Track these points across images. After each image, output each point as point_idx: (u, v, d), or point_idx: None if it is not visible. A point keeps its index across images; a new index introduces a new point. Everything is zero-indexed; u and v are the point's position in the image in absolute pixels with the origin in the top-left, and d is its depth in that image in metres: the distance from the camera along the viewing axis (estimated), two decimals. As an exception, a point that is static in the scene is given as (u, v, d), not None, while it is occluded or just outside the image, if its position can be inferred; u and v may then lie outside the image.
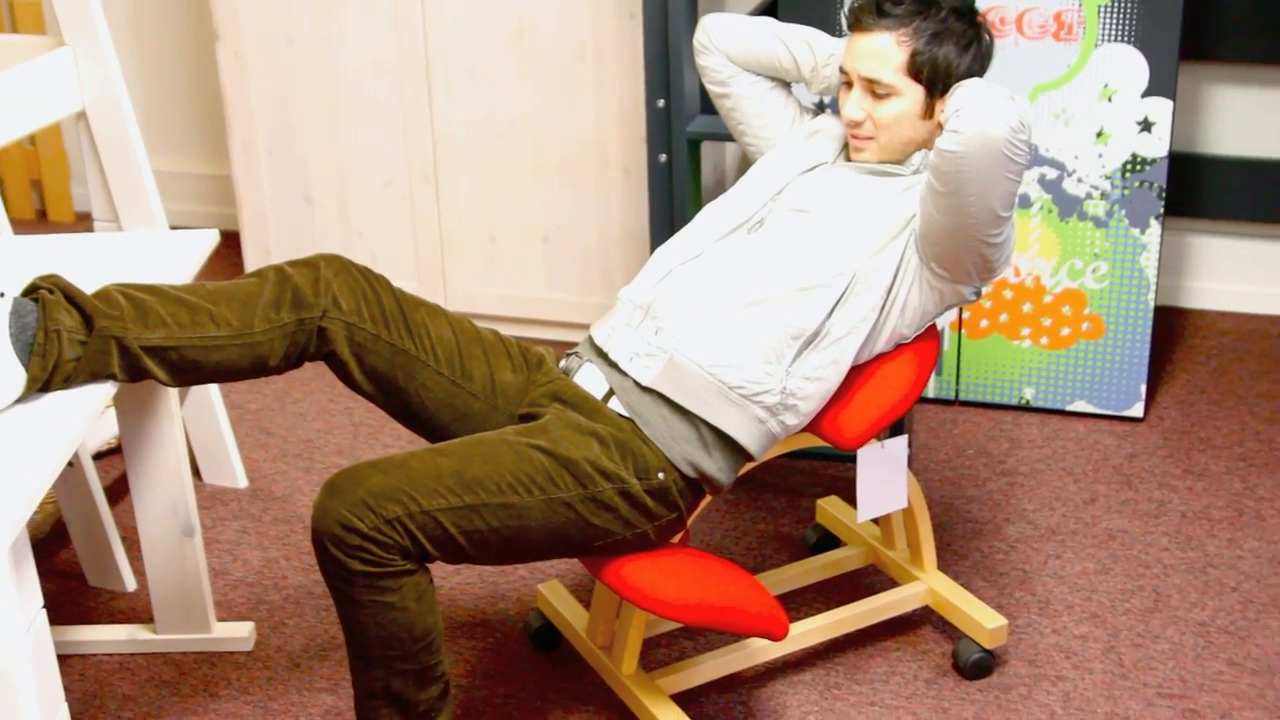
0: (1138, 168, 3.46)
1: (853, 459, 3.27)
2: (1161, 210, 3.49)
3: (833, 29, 3.49)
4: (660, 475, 2.49)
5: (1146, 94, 3.41)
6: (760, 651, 2.81)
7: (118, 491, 3.49)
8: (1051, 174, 3.52)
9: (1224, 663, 2.88)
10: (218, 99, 4.71)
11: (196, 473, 3.52)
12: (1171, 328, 4.15)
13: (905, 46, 2.52)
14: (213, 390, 3.42)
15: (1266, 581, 3.10)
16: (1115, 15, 3.35)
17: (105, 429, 3.45)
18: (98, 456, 3.60)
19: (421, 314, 2.58)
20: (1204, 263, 4.25)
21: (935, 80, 2.53)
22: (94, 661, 2.97)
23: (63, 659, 2.95)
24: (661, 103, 3.28)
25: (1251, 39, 3.93)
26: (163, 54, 4.85)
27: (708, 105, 3.39)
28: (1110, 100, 3.43)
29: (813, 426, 2.62)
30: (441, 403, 2.57)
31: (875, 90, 2.55)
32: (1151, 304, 3.57)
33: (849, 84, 2.60)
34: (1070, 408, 3.72)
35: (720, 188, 4.40)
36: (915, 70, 2.52)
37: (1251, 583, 3.10)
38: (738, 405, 2.51)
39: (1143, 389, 3.65)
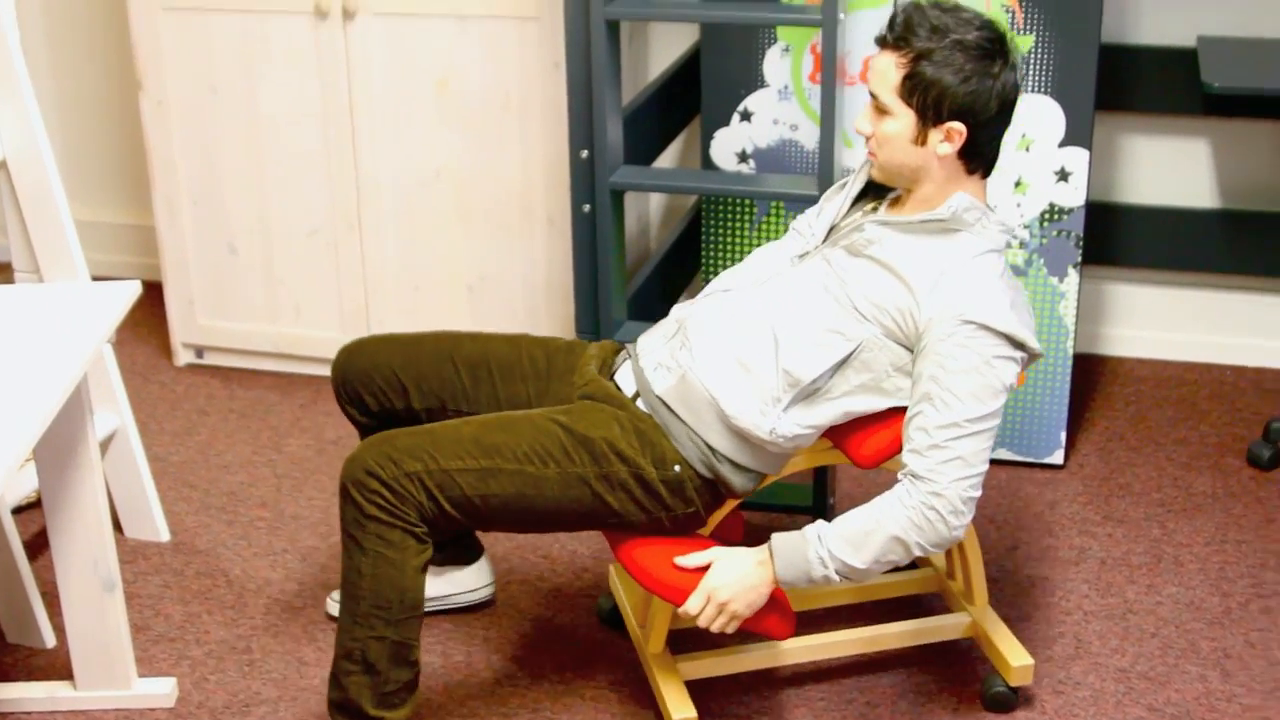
0: (1055, 217, 3.51)
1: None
2: (1079, 259, 3.54)
3: (754, 81, 3.52)
4: (676, 468, 2.60)
5: (1063, 144, 3.45)
6: (788, 653, 2.90)
7: (37, 546, 3.45)
8: (971, 224, 3.55)
9: (1144, 709, 2.91)
10: (140, 148, 4.69)
11: (118, 526, 3.49)
12: (1090, 375, 4.20)
13: (902, 69, 2.51)
14: (134, 442, 3.40)
15: (1185, 627, 3.14)
16: (1032, 66, 3.40)
17: (25, 483, 3.41)
18: (17, 510, 3.56)
19: (432, 394, 2.83)
20: (1121, 310, 4.30)
21: (926, 107, 2.50)
22: None
23: (-20, 717, 2.91)
24: (585, 153, 3.29)
25: (1165, 90, 3.99)
26: (85, 102, 4.82)
27: (630, 156, 3.41)
28: (1028, 150, 3.47)
29: (838, 442, 2.70)
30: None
31: (878, 107, 2.56)
32: (1070, 351, 3.61)
33: None
34: (991, 455, 3.75)
35: (645, 236, 4.42)
36: (907, 94, 2.51)
37: (1170, 628, 3.14)
38: (731, 432, 2.59)
39: (1063, 436, 3.69)
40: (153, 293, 4.62)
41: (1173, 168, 4.12)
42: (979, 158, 2.58)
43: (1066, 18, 3.34)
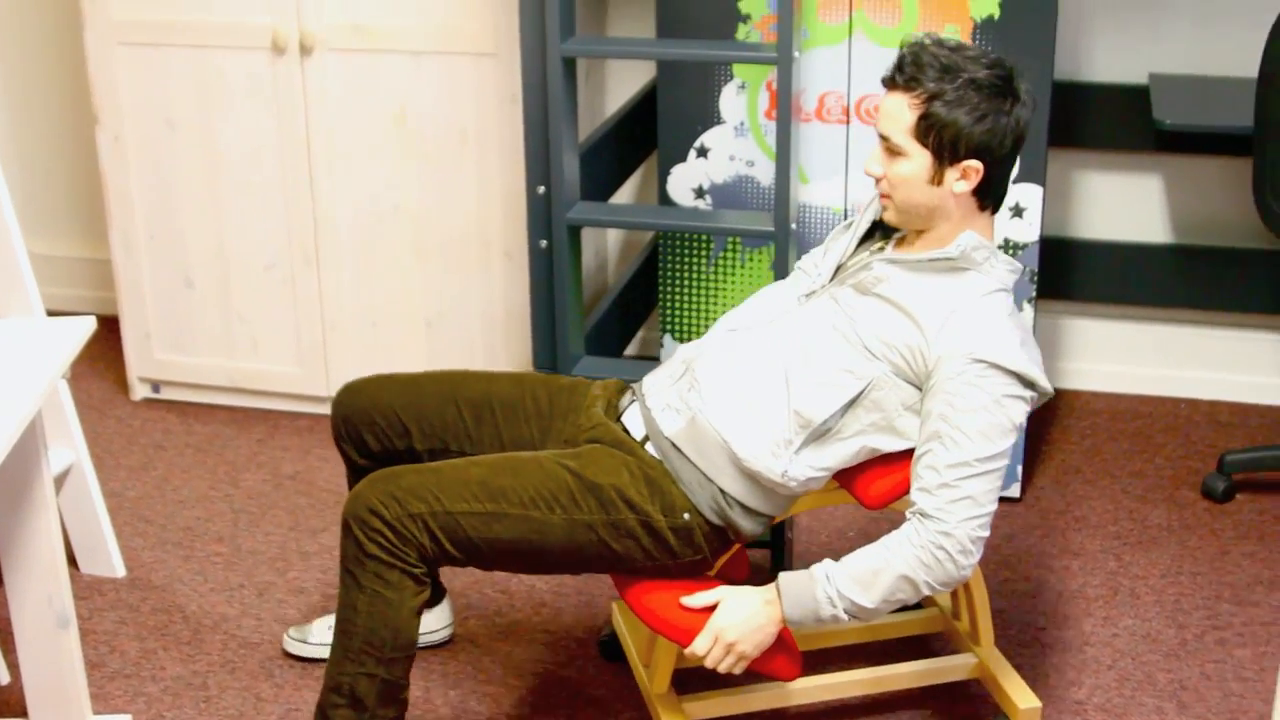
0: (1010, 252, 3.53)
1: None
2: (1034, 294, 3.56)
3: (710, 117, 3.54)
4: (685, 516, 2.58)
5: (1017, 180, 3.48)
6: (796, 694, 2.88)
7: (-9, 582, 3.43)
8: (927, 259, 3.57)
9: (1100, 741, 2.92)
10: (96, 182, 4.67)
11: (73, 562, 3.46)
12: (1046, 408, 4.22)
13: (915, 110, 2.49)
14: (89, 478, 3.38)
15: (1142, 659, 3.15)
16: (986, 104, 3.42)
17: (-22, 518, 3.39)
18: (-30, 546, 3.53)
19: (433, 435, 2.81)
20: (1076, 344, 4.33)
21: (942, 147, 2.49)
22: (-35, 758, 2.91)
23: (-68, 756, 2.89)
24: (542, 189, 3.30)
25: (1118, 126, 4.03)
26: (40, 136, 4.81)
27: (587, 191, 3.42)
28: (983, 187, 3.49)
29: (845, 483, 2.68)
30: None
31: (889, 149, 2.54)
32: (1026, 386, 3.63)
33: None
34: (948, 488, 3.76)
35: (602, 271, 4.43)
36: (922, 134, 2.49)
37: (1127, 660, 3.15)
38: (744, 475, 2.58)
39: (1019, 470, 3.71)
40: (109, 327, 4.59)
41: (1126, 203, 4.16)
42: (991, 195, 2.58)
43: (1019, 55, 3.36)
